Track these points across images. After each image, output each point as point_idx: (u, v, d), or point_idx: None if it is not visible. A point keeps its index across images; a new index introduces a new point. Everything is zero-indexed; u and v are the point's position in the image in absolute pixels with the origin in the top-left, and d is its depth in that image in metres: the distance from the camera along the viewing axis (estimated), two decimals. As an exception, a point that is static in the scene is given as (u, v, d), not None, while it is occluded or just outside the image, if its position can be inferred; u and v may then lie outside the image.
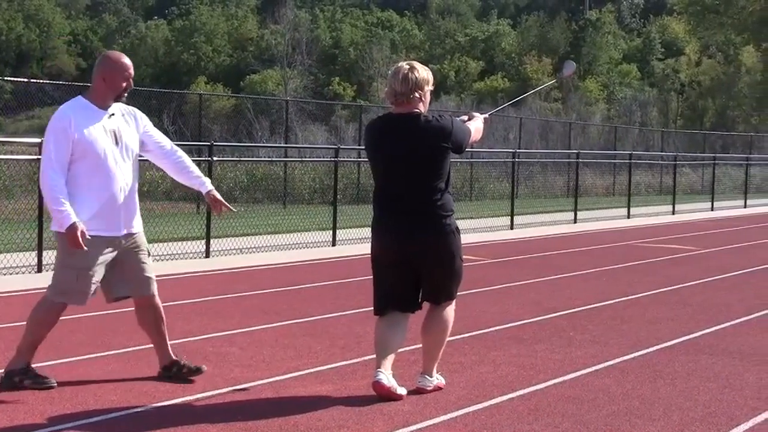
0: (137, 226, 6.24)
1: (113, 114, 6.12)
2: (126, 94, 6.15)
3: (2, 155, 16.34)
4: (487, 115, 6.73)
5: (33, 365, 6.10)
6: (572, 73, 7.95)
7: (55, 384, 6.00)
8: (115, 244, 6.09)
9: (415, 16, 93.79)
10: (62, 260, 6.07)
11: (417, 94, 5.94)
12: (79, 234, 5.81)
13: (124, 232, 6.13)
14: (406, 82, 5.93)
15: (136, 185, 6.26)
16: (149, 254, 6.34)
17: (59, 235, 6.00)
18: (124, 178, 6.09)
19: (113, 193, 6.03)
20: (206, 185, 6.35)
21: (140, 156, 6.35)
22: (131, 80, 6.14)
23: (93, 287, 6.07)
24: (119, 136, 6.09)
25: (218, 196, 6.35)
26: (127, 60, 6.16)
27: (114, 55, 6.23)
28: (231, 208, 6.43)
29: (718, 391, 6.34)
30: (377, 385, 5.83)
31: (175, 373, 6.28)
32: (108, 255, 6.07)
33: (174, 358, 6.35)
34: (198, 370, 6.29)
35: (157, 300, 6.34)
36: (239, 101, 48.00)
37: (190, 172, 6.41)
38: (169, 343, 6.38)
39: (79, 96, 6.17)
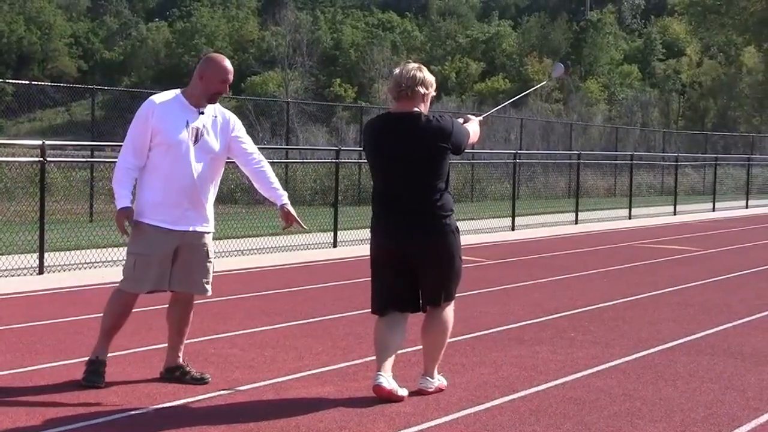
0: (205, 226, 6.26)
1: (203, 113, 6.18)
2: (219, 98, 6.21)
3: (3, 157, 16.34)
4: (481, 117, 6.73)
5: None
6: (563, 74, 7.91)
7: (102, 385, 6.04)
8: (177, 238, 6.12)
9: (415, 18, 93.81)
10: (128, 247, 6.23)
11: (421, 90, 5.94)
12: (125, 219, 6.00)
13: (189, 228, 6.16)
14: (413, 77, 5.94)
15: (212, 186, 6.30)
16: (209, 256, 6.32)
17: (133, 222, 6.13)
18: (196, 176, 6.12)
19: (180, 187, 6.09)
20: (282, 199, 6.42)
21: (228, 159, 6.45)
22: (227, 86, 6.21)
23: (152, 277, 6.11)
24: (201, 135, 6.15)
25: (292, 211, 6.40)
26: (228, 65, 6.24)
27: (217, 57, 6.32)
28: (302, 224, 6.48)
29: (720, 392, 6.33)
30: (378, 388, 5.82)
31: (177, 376, 6.28)
32: (168, 247, 6.11)
33: (181, 362, 6.35)
34: (202, 380, 6.27)
35: (192, 304, 6.43)
36: (240, 103, 48.06)
37: (270, 183, 6.47)
38: (183, 348, 6.40)
39: (179, 89, 6.27)
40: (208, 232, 6.30)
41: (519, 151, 25.05)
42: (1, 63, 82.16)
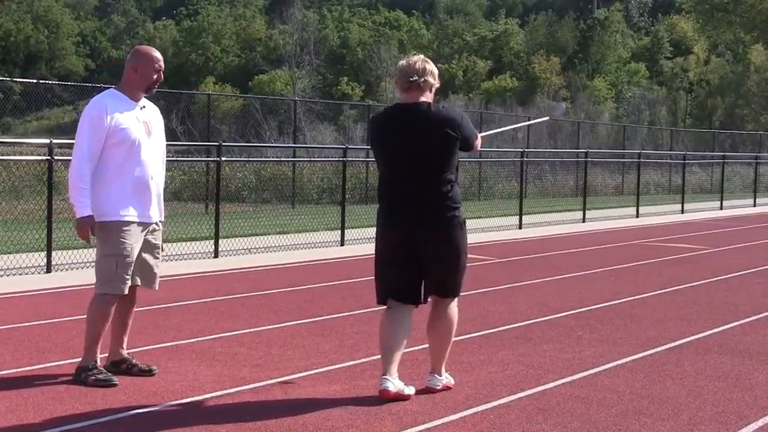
0: (162, 215, 6.42)
1: (144, 107, 6.31)
2: (156, 87, 6.31)
3: (11, 156, 16.36)
4: (481, 134, 6.70)
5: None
6: (562, 113, 7.95)
7: (117, 382, 6.06)
8: (144, 232, 6.25)
9: (422, 16, 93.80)
10: (101, 251, 6.20)
11: (430, 80, 5.96)
12: (88, 228, 6.03)
13: (153, 220, 6.30)
14: (423, 68, 5.96)
15: (164, 176, 6.48)
16: (162, 249, 6.50)
17: (97, 226, 6.13)
18: (155, 168, 6.29)
19: (146, 181, 6.21)
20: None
21: None
22: (162, 74, 6.32)
23: (130, 275, 6.19)
24: (150, 128, 6.28)
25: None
26: (157, 53, 6.38)
27: (145, 48, 6.44)
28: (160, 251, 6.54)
29: (728, 391, 6.32)
30: (384, 392, 5.79)
31: (124, 369, 6.30)
32: (141, 241, 6.22)
33: (126, 355, 6.39)
34: (149, 372, 6.31)
35: (136, 294, 6.46)
36: (247, 101, 48.03)
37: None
38: (126, 339, 6.43)
39: (111, 88, 6.36)
40: (163, 222, 6.47)
41: (526, 150, 25.03)
42: (8, 62, 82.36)
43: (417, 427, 5.35)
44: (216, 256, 13.02)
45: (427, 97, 5.98)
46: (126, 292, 6.20)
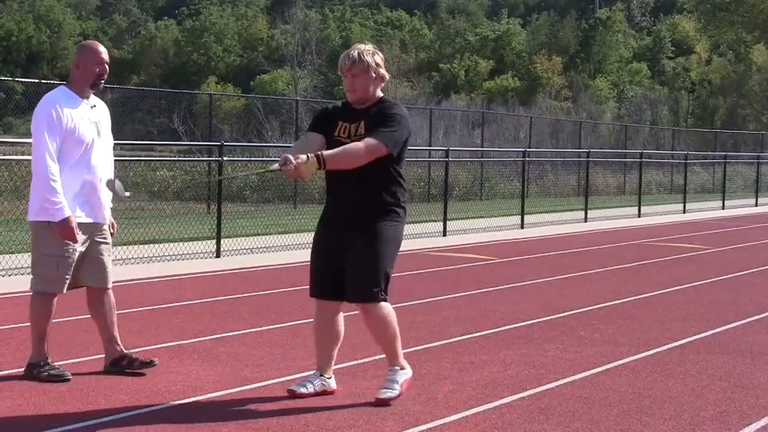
0: (109, 216, 6.38)
1: (95, 106, 6.26)
2: (102, 82, 6.23)
3: (13, 155, 16.36)
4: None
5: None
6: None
7: (70, 377, 6.08)
8: (91, 231, 6.22)
9: (424, 16, 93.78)
10: (41, 250, 6.18)
11: None
12: (74, 226, 6.00)
13: (102, 220, 6.28)
14: None
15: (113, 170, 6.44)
16: (110, 245, 6.44)
17: (36, 224, 6.13)
18: (104, 168, 6.24)
19: (94, 181, 6.17)
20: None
21: None
22: (105, 66, 6.21)
23: (70, 275, 6.17)
24: (100, 128, 6.24)
25: (113, 223, 6.49)
26: (100, 47, 6.30)
27: (88, 42, 6.42)
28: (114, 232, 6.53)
29: (730, 390, 6.32)
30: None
31: (125, 365, 6.30)
32: (84, 242, 6.19)
33: (125, 352, 6.38)
34: (150, 363, 6.32)
35: (111, 292, 6.41)
36: (249, 101, 48.02)
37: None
38: (118, 336, 6.41)
39: (62, 86, 6.30)
40: (108, 222, 6.41)
41: (528, 149, 25.00)
42: (10, 62, 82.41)
43: (419, 426, 5.35)
44: (218, 256, 13.02)
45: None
46: (64, 291, 6.19)
